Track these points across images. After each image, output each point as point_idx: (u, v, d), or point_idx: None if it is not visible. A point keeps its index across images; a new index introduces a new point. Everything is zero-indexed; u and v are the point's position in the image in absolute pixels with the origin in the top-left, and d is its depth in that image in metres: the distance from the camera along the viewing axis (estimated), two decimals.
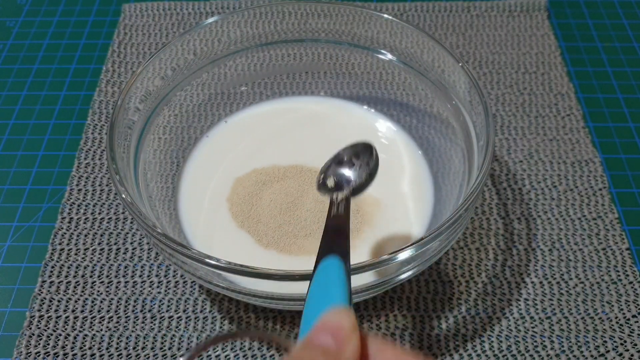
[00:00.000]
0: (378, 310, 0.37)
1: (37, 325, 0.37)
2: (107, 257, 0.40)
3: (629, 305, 0.38)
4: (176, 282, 0.39)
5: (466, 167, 0.37)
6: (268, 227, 0.39)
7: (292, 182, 0.41)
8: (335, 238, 0.29)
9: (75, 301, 0.38)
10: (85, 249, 0.40)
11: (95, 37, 0.55)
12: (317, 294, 0.25)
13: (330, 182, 0.35)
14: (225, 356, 0.36)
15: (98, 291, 0.38)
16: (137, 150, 0.38)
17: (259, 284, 0.31)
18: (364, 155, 0.36)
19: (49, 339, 0.36)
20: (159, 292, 0.38)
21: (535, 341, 0.36)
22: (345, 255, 0.27)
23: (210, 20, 0.42)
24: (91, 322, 0.37)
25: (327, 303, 0.23)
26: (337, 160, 0.36)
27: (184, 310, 0.37)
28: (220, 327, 0.37)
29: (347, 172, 0.35)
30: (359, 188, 0.34)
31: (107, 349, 0.36)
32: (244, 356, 0.36)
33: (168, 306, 0.38)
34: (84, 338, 0.36)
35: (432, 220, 0.40)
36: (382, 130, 0.45)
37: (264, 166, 0.43)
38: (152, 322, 0.37)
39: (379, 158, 0.43)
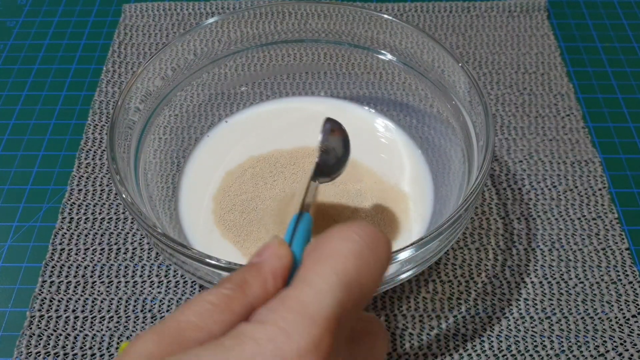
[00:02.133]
0: (378, 310, 0.38)
1: (38, 325, 0.37)
2: (108, 257, 0.40)
3: (628, 305, 0.38)
4: (176, 282, 0.39)
5: (466, 167, 0.38)
6: (266, 234, 0.39)
7: (295, 175, 0.41)
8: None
9: (76, 301, 0.38)
10: (85, 249, 0.40)
11: (95, 38, 0.55)
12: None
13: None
14: None
15: (98, 291, 0.38)
16: (138, 150, 0.38)
17: None
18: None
19: (50, 339, 0.36)
20: (159, 292, 0.38)
21: (535, 341, 0.36)
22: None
23: (211, 20, 0.42)
24: (91, 322, 0.37)
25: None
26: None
27: None
28: None
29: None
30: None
31: (107, 348, 0.36)
32: None
33: (168, 306, 0.38)
34: (84, 338, 0.36)
35: (432, 220, 0.40)
36: (382, 130, 0.45)
37: (261, 153, 0.43)
38: (152, 322, 0.37)
39: (381, 158, 0.44)
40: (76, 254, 0.40)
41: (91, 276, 0.39)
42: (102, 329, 0.37)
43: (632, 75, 0.52)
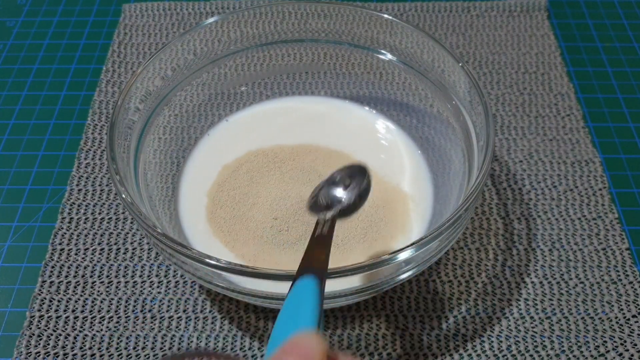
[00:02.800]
0: (378, 310, 0.37)
1: (37, 326, 0.37)
2: (107, 257, 0.40)
3: (628, 305, 0.38)
4: (176, 282, 0.39)
5: (466, 167, 0.37)
6: (255, 234, 0.39)
7: (292, 171, 0.41)
8: (316, 257, 0.28)
9: (76, 301, 0.38)
10: (85, 249, 0.40)
11: (95, 37, 0.55)
12: (288, 314, 0.25)
13: (322, 202, 0.33)
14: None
15: (98, 291, 0.38)
16: (137, 150, 0.38)
17: (258, 284, 0.31)
18: (357, 177, 0.34)
19: (49, 339, 0.36)
20: (159, 292, 0.38)
21: (535, 341, 0.36)
22: (322, 275, 0.27)
23: (210, 20, 0.42)
24: (91, 322, 0.37)
25: (298, 324, 0.23)
26: (331, 182, 0.35)
27: (184, 311, 0.37)
28: (220, 327, 0.37)
29: (339, 193, 0.34)
30: (349, 209, 0.33)
31: (107, 349, 0.36)
32: (244, 355, 0.36)
33: (168, 306, 0.38)
34: (84, 338, 0.36)
35: (432, 220, 0.40)
36: (382, 131, 0.45)
37: (261, 147, 0.43)
38: (152, 322, 0.37)
39: (381, 158, 0.43)
40: (76, 254, 0.40)
41: (91, 276, 0.39)
42: (101, 329, 0.37)
43: (633, 75, 0.52)
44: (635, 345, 0.36)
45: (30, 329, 0.37)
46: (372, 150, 0.44)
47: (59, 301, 0.38)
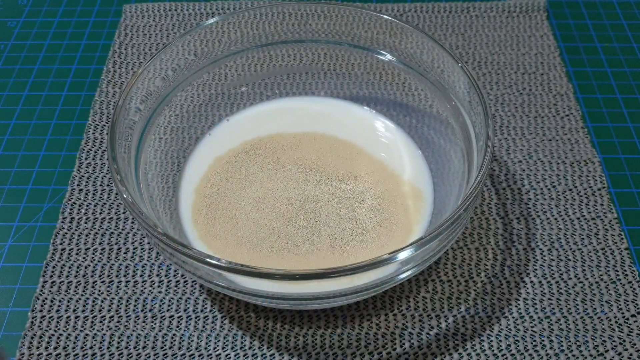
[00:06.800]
0: (378, 310, 0.38)
1: (39, 326, 0.37)
2: (108, 257, 0.40)
3: (627, 305, 0.38)
4: (177, 281, 0.39)
5: (465, 167, 0.38)
6: (244, 236, 0.39)
7: (292, 161, 0.41)
8: None
9: (77, 301, 0.38)
10: (86, 249, 0.40)
11: (96, 38, 0.56)
12: None
13: None
14: (226, 355, 0.36)
15: (99, 291, 0.38)
16: (138, 150, 0.38)
17: (259, 284, 0.31)
18: None
19: (51, 339, 0.36)
20: (160, 292, 0.38)
21: (535, 340, 0.37)
22: None
23: (211, 20, 0.42)
24: (92, 322, 0.37)
25: None
26: None
27: (185, 310, 0.38)
28: (221, 327, 0.37)
29: None
30: None
31: (107, 348, 0.36)
32: (244, 355, 0.36)
33: (169, 306, 0.38)
34: (84, 338, 0.36)
35: (431, 220, 0.40)
36: (381, 130, 0.45)
37: (259, 135, 0.42)
38: (152, 322, 0.37)
39: (380, 158, 0.44)
40: (77, 254, 0.40)
41: (92, 276, 0.39)
42: (102, 329, 0.37)
43: (632, 76, 0.52)
44: (634, 344, 0.36)
45: (32, 329, 0.37)
46: (371, 150, 0.44)
47: (60, 301, 0.38)
